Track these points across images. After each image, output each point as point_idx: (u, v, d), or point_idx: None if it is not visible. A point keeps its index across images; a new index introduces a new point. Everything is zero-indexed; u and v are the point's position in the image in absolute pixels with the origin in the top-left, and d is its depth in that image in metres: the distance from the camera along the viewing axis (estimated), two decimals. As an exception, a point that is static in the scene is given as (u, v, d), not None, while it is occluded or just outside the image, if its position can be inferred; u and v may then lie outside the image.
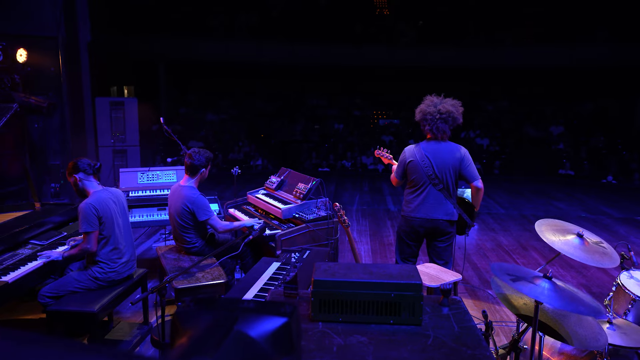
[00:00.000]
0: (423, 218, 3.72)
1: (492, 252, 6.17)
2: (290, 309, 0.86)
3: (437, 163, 3.67)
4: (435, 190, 3.70)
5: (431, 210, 3.71)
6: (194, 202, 3.90)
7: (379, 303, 1.68)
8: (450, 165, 3.67)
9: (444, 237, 3.79)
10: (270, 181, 4.89)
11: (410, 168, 3.75)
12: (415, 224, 3.75)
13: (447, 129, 3.69)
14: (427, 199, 3.70)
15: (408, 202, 3.81)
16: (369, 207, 8.38)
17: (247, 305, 0.86)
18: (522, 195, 9.75)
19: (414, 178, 3.75)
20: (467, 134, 14.33)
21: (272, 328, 0.78)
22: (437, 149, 3.71)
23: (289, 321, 0.82)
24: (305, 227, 4.06)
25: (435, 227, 3.72)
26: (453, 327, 1.68)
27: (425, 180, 3.70)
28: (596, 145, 13.50)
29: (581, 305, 2.01)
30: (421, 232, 3.77)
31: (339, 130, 15.80)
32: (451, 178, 3.70)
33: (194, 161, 3.94)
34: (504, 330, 4.05)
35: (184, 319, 0.80)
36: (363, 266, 1.81)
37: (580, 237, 2.82)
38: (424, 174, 3.69)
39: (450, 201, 3.73)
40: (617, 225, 7.51)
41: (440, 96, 3.79)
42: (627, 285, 2.94)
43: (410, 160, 3.74)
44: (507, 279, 2.10)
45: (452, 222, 3.78)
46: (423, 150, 3.72)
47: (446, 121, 3.66)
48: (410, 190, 3.81)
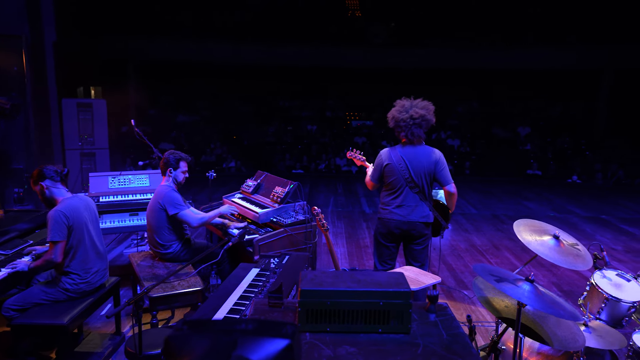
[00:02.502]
0: (400, 220, 3.73)
1: (466, 252, 6.26)
2: (292, 330, 0.82)
3: (413, 166, 3.68)
4: (412, 193, 3.71)
5: (408, 213, 3.72)
6: (164, 196, 3.87)
7: (367, 312, 1.65)
8: (426, 169, 3.69)
9: (420, 240, 3.81)
10: (246, 185, 4.82)
11: (387, 171, 3.75)
12: (392, 226, 3.76)
13: (421, 133, 3.70)
14: (404, 201, 3.71)
15: (385, 205, 3.82)
16: (344, 209, 8.38)
17: (246, 327, 0.81)
18: (493, 196, 9.95)
19: (391, 181, 3.75)
20: (438, 135, 14.54)
21: (274, 351, 0.74)
22: (413, 152, 3.72)
23: (291, 343, 0.78)
24: (283, 231, 4.00)
25: (412, 229, 3.74)
26: (442, 335, 1.67)
27: (402, 183, 3.70)
28: (561, 146, 13.93)
29: (560, 309, 2.04)
30: (398, 234, 3.78)
31: (312, 131, 15.78)
32: (427, 181, 3.72)
33: (163, 160, 4.03)
34: (480, 330, 4.10)
35: (178, 345, 0.75)
36: (350, 274, 1.78)
37: (556, 239, 2.87)
38: (401, 177, 3.69)
39: (426, 204, 3.75)
40: (584, 224, 7.75)
41: (410, 98, 3.79)
42: (600, 284, 3.01)
43: (387, 164, 3.74)
44: (492, 280, 2.12)
45: (428, 224, 3.80)
46: (399, 154, 3.72)
47: (420, 126, 3.67)
48: (387, 193, 3.81)
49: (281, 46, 14.47)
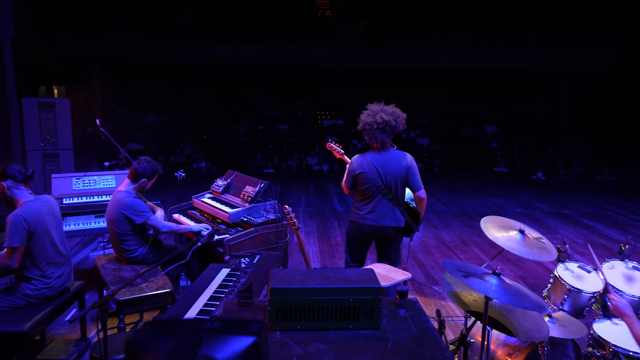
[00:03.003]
0: (372, 225, 3.74)
1: (436, 249, 6.36)
2: (258, 327, 0.81)
3: (385, 173, 3.69)
4: (385, 199, 3.73)
5: (380, 219, 3.73)
6: (127, 206, 3.73)
7: (337, 309, 1.65)
8: (397, 175, 3.71)
9: (392, 243, 3.84)
10: (216, 184, 4.76)
11: (359, 179, 3.74)
12: (364, 230, 3.77)
13: (385, 138, 3.67)
14: (376, 208, 3.72)
15: (358, 210, 3.81)
16: (316, 208, 8.39)
17: (211, 326, 0.79)
18: (462, 193, 10.15)
19: (364, 189, 3.74)
20: (408, 134, 14.74)
21: (240, 349, 0.72)
22: (384, 159, 3.71)
23: (257, 341, 0.77)
24: (254, 230, 3.97)
25: (384, 233, 3.76)
26: (411, 329, 1.68)
27: (375, 191, 3.71)
28: (526, 144, 14.35)
29: (527, 301, 2.09)
30: (369, 238, 3.81)
31: (283, 131, 15.74)
32: (398, 187, 3.75)
33: (139, 168, 3.79)
34: (450, 324, 4.17)
35: (141, 346, 0.73)
36: (320, 271, 1.78)
37: (522, 233, 2.95)
38: (374, 184, 3.69)
39: (398, 209, 3.78)
40: (548, 219, 8.00)
41: (381, 103, 3.80)
42: (563, 276, 3.11)
43: (360, 172, 3.73)
44: (459, 275, 2.15)
45: (399, 229, 3.83)
46: (371, 161, 3.71)
47: (384, 131, 3.65)
48: (360, 198, 3.81)
49: (251, 46, 14.37)
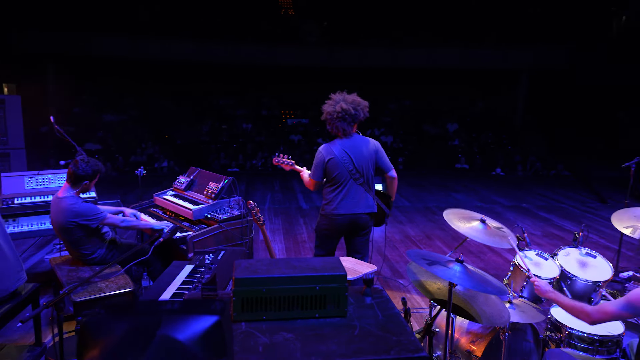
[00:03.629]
0: (346, 214, 3.73)
1: (401, 243, 6.45)
2: (221, 306, 0.78)
3: (356, 158, 3.71)
4: (357, 185, 3.74)
5: (353, 205, 3.74)
6: (79, 213, 3.46)
7: (304, 297, 1.64)
8: (368, 158, 3.74)
9: (364, 232, 3.85)
10: (179, 181, 4.65)
11: (330, 166, 3.73)
12: (337, 222, 3.76)
13: (346, 126, 3.71)
14: (349, 194, 3.73)
15: (329, 201, 3.79)
16: (281, 206, 8.35)
17: (172, 307, 0.76)
18: (425, 189, 10.34)
19: (335, 175, 3.73)
20: (373, 132, 14.89)
21: (202, 329, 0.70)
22: (354, 144, 3.75)
23: (220, 320, 0.74)
24: (218, 227, 3.90)
25: (357, 220, 3.77)
26: (377, 316, 1.69)
27: (347, 176, 3.72)
28: (486, 141, 14.77)
29: (489, 286, 2.14)
30: (343, 229, 3.80)
31: (247, 130, 15.59)
32: (370, 171, 3.78)
33: (77, 170, 3.47)
34: (416, 316, 4.23)
35: (94, 329, 0.69)
36: (285, 261, 1.76)
37: (483, 223, 3.02)
38: (345, 170, 3.70)
39: (370, 194, 3.80)
40: (507, 212, 8.26)
41: (343, 92, 3.83)
42: (522, 264, 3.20)
43: (330, 158, 3.72)
44: (424, 263, 2.18)
45: (372, 215, 3.86)
46: (340, 147, 3.73)
47: (344, 119, 3.69)
48: (331, 188, 3.79)
49: (214, 44, 14.18)
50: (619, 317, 2.26)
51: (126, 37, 13.58)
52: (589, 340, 2.74)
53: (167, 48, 13.93)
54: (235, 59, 14.45)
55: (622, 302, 2.22)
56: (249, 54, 14.50)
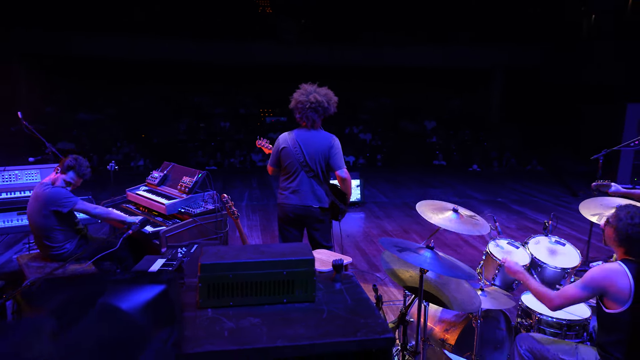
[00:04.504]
0: (296, 205, 3.74)
1: (378, 237, 6.48)
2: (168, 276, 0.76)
3: (307, 150, 3.71)
4: (307, 177, 3.74)
5: (303, 197, 3.74)
6: (50, 196, 3.48)
7: (271, 283, 1.62)
8: (320, 153, 3.74)
9: (318, 224, 3.85)
10: (152, 176, 4.57)
11: (283, 155, 3.76)
12: (288, 211, 3.77)
13: (316, 118, 3.73)
14: (299, 185, 3.73)
15: (282, 190, 3.82)
16: (259, 203, 8.30)
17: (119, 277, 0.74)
18: (403, 185, 10.42)
19: (286, 165, 3.76)
20: (351, 129, 14.93)
21: (147, 298, 0.68)
22: (308, 136, 3.75)
23: (166, 288, 0.72)
24: (192, 221, 3.85)
25: (308, 213, 3.76)
26: (346, 300, 1.69)
27: (297, 167, 3.73)
28: (463, 138, 14.96)
29: (459, 271, 2.16)
30: (294, 218, 3.79)
31: (225, 128, 15.47)
32: (322, 166, 3.77)
33: (68, 160, 3.60)
34: (392, 309, 4.25)
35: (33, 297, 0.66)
36: (254, 247, 1.74)
37: (456, 212, 3.06)
38: (296, 160, 3.71)
39: (322, 188, 3.79)
40: (482, 206, 8.38)
41: (314, 84, 3.84)
42: (494, 252, 3.25)
43: (283, 147, 3.75)
44: (395, 250, 2.19)
45: (324, 210, 3.84)
46: (295, 137, 3.75)
47: (316, 110, 3.70)
48: (285, 177, 3.82)
49: (192, 42, 14.02)
50: (579, 299, 2.31)
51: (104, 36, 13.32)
52: (557, 325, 2.80)
53: (144, 46, 13.71)
54: (212, 57, 14.32)
55: (578, 284, 2.28)
56: (226, 51, 14.38)
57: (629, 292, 2.13)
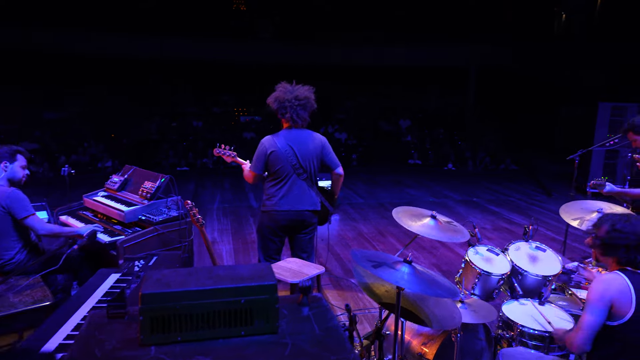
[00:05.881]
0: (288, 211, 3.54)
1: (353, 240, 6.31)
2: None
3: (300, 152, 3.52)
4: (300, 180, 3.55)
5: (296, 202, 3.55)
6: (8, 196, 3.22)
7: (226, 313, 1.40)
8: (313, 154, 3.56)
9: (308, 229, 3.67)
10: (111, 181, 4.27)
11: (272, 159, 3.53)
12: (279, 218, 3.55)
13: (306, 116, 3.57)
14: (291, 190, 3.53)
15: (270, 196, 3.59)
16: (231, 205, 8.02)
17: None
18: (379, 185, 10.29)
19: (277, 169, 3.53)
20: (327, 128, 14.75)
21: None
22: (299, 137, 3.56)
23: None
24: (153, 230, 3.59)
25: (301, 218, 3.58)
26: (314, 330, 1.48)
27: (290, 171, 3.52)
28: (437, 137, 14.96)
29: (439, 289, 1.99)
30: (286, 225, 3.59)
31: (198, 127, 15.08)
32: (314, 167, 3.60)
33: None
34: (368, 317, 4.08)
35: None
36: (207, 270, 1.51)
37: (434, 219, 2.89)
38: (288, 164, 3.51)
39: (313, 190, 3.62)
40: (458, 207, 8.31)
41: (292, 83, 3.65)
42: (473, 260, 3.11)
43: (272, 151, 3.52)
44: (369, 266, 2.00)
45: (316, 212, 3.67)
46: (284, 139, 3.53)
47: (305, 107, 3.54)
48: (273, 182, 3.59)
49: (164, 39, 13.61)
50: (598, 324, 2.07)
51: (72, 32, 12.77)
52: (539, 337, 2.66)
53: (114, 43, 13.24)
54: (185, 55, 13.95)
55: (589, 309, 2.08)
56: (199, 49, 14.03)
57: (631, 303, 2.00)
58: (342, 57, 14.54)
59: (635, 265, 2.06)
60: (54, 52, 12.68)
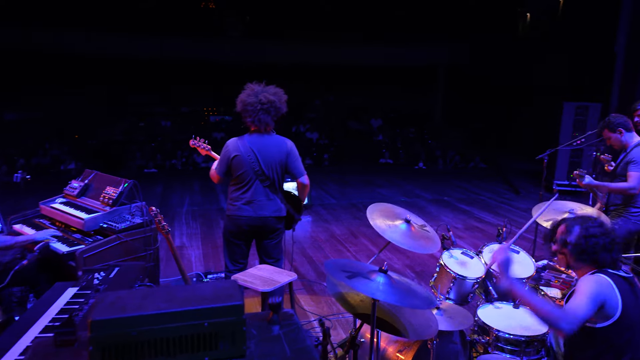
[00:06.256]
0: (250, 217, 3.43)
1: (326, 243, 6.23)
2: None
3: (263, 158, 3.40)
4: (262, 186, 3.44)
5: (258, 208, 3.44)
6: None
7: (188, 338, 1.28)
8: (277, 160, 3.44)
9: (273, 235, 3.56)
10: (70, 187, 4.04)
11: (235, 163, 3.41)
12: (242, 223, 3.45)
13: (269, 120, 3.42)
14: (254, 195, 3.42)
15: (233, 201, 3.48)
16: (200, 208, 7.80)
17: None
18: (350, 185, 10.25)
19: (239, 174, 3.42)
20: (298, 128, 14.63)
21: None
22: (263, 142, 3.44)
23: None
24: (115, 238, 3.40)
25: (264, 225, 3.47)
26: (285, 352, 1.37)
27: (252, 177, 3.41)
28: (408, 136, 15.07)
29: (415, 299, 1.91)
30: (248, 230, 3.48)
31: (166, 127, 14.71)
32: (278, 173, 3.48)
33: None
34: (341, 322, 4.00)
35: None
36: (167, 290, 1.38)
37: (407, 223, 2.83)
38: (251, 169, 3.39)
39: (277, 196, 3.51)
40: (430, 206, 8.34)
41: (261, 84, 3.52)
42: (448, 264, 3.06)
43: (235, 155, 3.40)
44: (343, 277, 1.91)
45: (281, 219, 3.57)
46: (248, 144, 3.41)
47: (268, 112, 3.39)
48: (236, 187, 3.48)
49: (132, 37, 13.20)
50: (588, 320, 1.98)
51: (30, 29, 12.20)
52: (515, 342, 2.63)
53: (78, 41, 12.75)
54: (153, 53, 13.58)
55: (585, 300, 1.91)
56: (168, 48, 13.69)
57: (617, 305, 1.97)
58: (312, 56, 14.47)
59: (613, 266, 2.04)
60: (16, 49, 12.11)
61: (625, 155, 3.81)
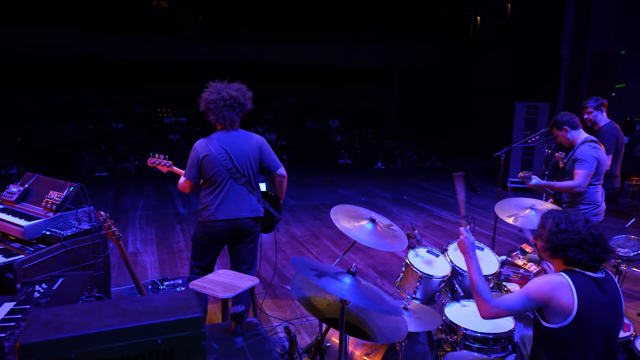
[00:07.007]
0: (226, 220, 3.25)
1: (287, 245, 6.10)
2: None
3: (235, 155, 3.25)
4: (238, 185, 3.28)
5: (234, 209, 3.27)
6: None
7: (139, 358, 1.12)
8: (250, 155, 3.30)
9: (249, 239, 3.39)
10: (8, 192, 3.72)
11: (205, 164, 3.23)
12: (217, 229, 3.25)
13: (234, 117, 3.29)
14: (228, 196, 3.25)
15: (207, 205, 3.28)
16: (155, 212, 7.47)
17: None
18: (310, 186, 10.16)
19: (211, 175, 3.24)
20: (256, 129, 14.41)
21: None
22: (232, 138, 3.29)
23: None
24: (60, 246, 3.14)
25: (240, 227, 3.30)
26: (249, 367, 1.24)
27: (226, 176, 3.24)
28: (366, 136, 15.16)
29: (384, 305, 1.83)
30: (224, 236, 3.30)
31: (118, 129, 14.11)
32: (253, 169, 3.33)
33: None
34: (305, 326, 3.87)
35: None
36: (114, 304, 1.22)
37: (372, 222, 2.75)
38: (223, 168, 3.22)
39: (254, 195, 3.36)
40: (390, 206, 8.37)
41: (224, 81, 3.39)
42: (414, 263, 3.01)
43: (205, 155, 3.22)
44: (312, 275, 1.79)
45: (258, 220, 3.41)
46: (217, 142, 3.25)
47: (232, 108, 3.26)
48: (209, 190, 3.28)
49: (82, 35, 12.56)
50: (517, 312, 2.09)
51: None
52: (483, 340, 2.60)
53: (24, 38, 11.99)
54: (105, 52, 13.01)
55: (520, 296, 2.03)
56: (120, 46, 13.14)
57: (572, 305, 1.95)
58: (268, 56, 14.30)
59: (582, 265, 2.02)
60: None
61: (573, 153, 3.89)
